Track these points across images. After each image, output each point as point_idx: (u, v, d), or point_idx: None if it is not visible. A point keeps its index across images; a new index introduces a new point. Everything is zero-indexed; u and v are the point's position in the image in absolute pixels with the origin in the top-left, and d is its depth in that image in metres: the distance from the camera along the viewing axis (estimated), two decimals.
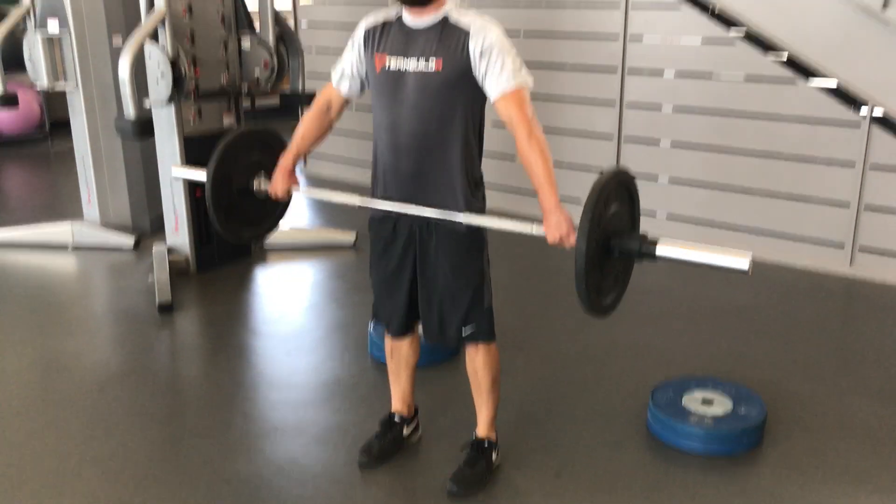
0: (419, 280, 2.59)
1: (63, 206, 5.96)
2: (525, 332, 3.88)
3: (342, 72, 2.57)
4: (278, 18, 4.77)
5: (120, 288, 4.58)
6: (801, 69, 4.55)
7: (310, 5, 6.60)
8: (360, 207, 2.61)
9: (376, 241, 2.64)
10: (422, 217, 2.47)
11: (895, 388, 3.35)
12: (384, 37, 2.44)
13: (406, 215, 2.50)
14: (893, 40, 4.23)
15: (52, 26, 4.72)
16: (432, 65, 2.35)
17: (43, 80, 4.83)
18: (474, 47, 2.31)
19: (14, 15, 4.85)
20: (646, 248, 2.23)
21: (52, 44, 4.80)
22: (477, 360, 2.67)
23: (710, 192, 4.97)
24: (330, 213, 5.84)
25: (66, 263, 4.92)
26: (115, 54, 4.55)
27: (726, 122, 4.82)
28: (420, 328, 2.74)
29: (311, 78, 5.61)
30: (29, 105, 7.61)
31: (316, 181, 6.70)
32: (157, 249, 4.59)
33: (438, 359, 3.52)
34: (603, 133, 5.27)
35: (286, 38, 4.86)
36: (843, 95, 4.46)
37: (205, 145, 4.47)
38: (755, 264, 2.12)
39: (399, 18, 2.43)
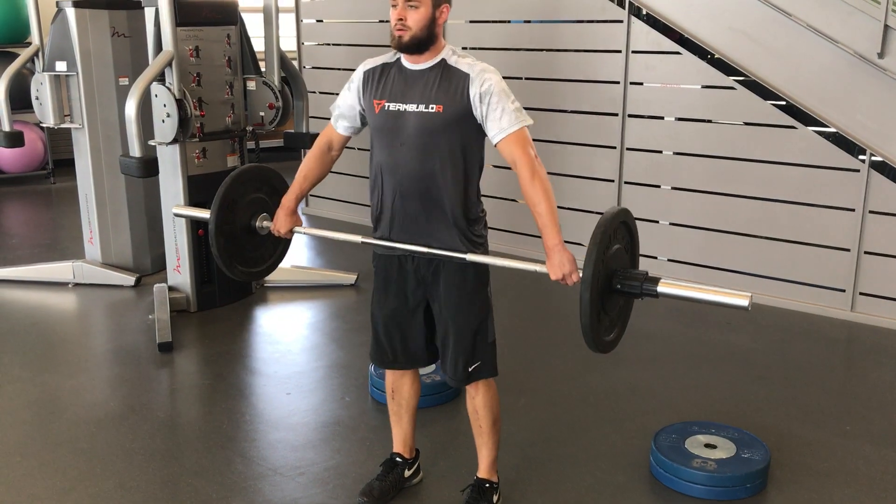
0: (435, 318, 2.61)
1: (65, 244, 5.97)
2: (526, 374, 3.86)
3: (341, 113, 2.61)
4: (284, 60, 4.83)
5: (120, 326, 4.57)
6: (801, 115, 4.59)
7: (314, 46, 6.68)
8: (362, 245, 2.63)
9: (379, 275, 2.65)
10: (424, 254, 2.48)
11: None
12: (383, 81, 2.48)
13: (409, 253, 2.52)
14: (891, 88, 4.29)
15: (61, 67, 4.78)
16: (433, 108, 2.39)
17: (49, 119, 4.88)
18: (474, 92, 2.36)
19: (24, 55, 4.92)
20: (648, 286, 2.25)
21: (59, 83, 4.85)
22: (477, 400, 2.66)
23: (710, 235, 4.98)
24: (331, 253, 5.85)
25: (66, 301, 4.92)
26: (121, 95, 4.60)
27: (727, 167, 4.85)
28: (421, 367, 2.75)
29: (315, 118, 5.66)
30: (33, 143, 7.66)
31: (316, 221, 6.72)
32: (158, 288, 4.59)
33: (439, 400, 3.50)
34: (604, 176, 5.30)
35: (291, 79, 4.91)
36: (843, 141, 4.50)
37: (209, 185, 4.52)
38: (756, 308, 2.13)
39: (398, 61, 2.48)
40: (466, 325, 2.54)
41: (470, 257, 2.46)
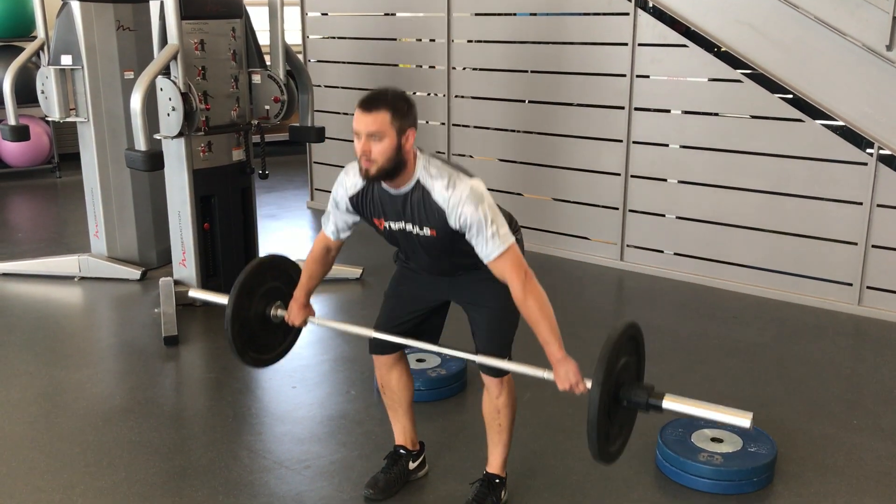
0: (468, 318, 2.67)
1: (70, 238, 5.97)
2: None
3: (335, 226, 2.65)
4: (289, 53, 4.82)
5: (126, 320, 4.57)
6: (808, 108, 4.57)
7: (319, 40, 6.67)
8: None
9: (404, 270, 2.73)
10: (451, 271, 2.58)
11: None
12: (373, 203, 2.49)
13: (436, 274, 2.62)
14: None
15: (66, 61, 4.77)
16: (427, 231, 2.42)
17: (55, 113, 4.87)
18: (454, 225, 2.37)
19: (29, 49, 4.92)
20: (653, 402, 2.30)
21: (64, 77, 4.85)
22: (501, 399, 2.66)
23: (717, 229, 4.96)
24: None
25: (72, 295, 4.92)
26: (127, 88, 4.60)
27: (733, 160, 4.83)
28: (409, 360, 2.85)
29: (320, 111, 5.65)
30: (38, 137, 7.66)
31: (320, 215, 6.69)
32: (164, 282, 4.59)
33: (445, 394, 3.50)
34: (610, 170, 5.29)
35: (296, 72, 4.90)
36: (850, 134, 4.48)
37: (214, 179, 4.55)
38: (762, 301, 2.13)
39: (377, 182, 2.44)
40: (499, 313, 2.58)
41: (479, 359, 2.54)
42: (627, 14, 5.01)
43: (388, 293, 2.76)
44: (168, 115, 4.23)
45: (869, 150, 4.40)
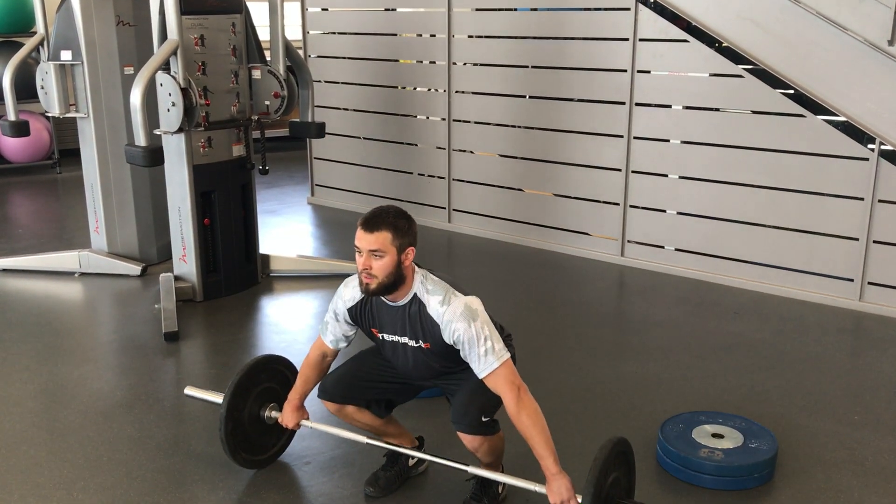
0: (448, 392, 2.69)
1: (71, 233, 5.97)
2: (533, 365, 3.84)
3: (333, 335, 2.69)
4: (289, 49, 4.81)
5: (126, 316, 4.57)
6: (809, 104, 4.56)
7: (319, 35, 6.66)
8: (367, 445, 2.79)
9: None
10: (438, 377, 2.65)
11: None
12: (371, 314, 2.57)
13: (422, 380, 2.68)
14: None
15: (66, 56, 4.77)
16: (422, 344, 2.50)
17: (55, 109, 4.87)
18: (448, 339, 2.44)
19: (29, 45, 4.90)
20: None
21: (64, 72, 4.84)
22: (478, 452, 2.58)
23: (718, 224, 4.96)
24: (337, 243, 5.84)
25: (72, 291, 4.92)
26: (127, 84, 4.59)
27: (734, 156, 4.82)
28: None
29: (320, 107, 5.65)
30: (38, 133, 7.66)
31: (321, 211, 6.71)
32: (164, 277, 4.59)
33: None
34: (611, 165, 5.28)
35: (297, 68, 4.89)
36: (852, 130, 4.47)
37: (214, 174, 4.54)
38: (763, 297, 2.13)
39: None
40: (480, 383, 2.49)
41: (472, 470, 2.55)
42: (629, 9, 5.00)
43: (363, 353, 2.78)
44: (168, 110, 4.23)
45: (870, 146, 4.39)
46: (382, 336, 2.59)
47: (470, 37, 5.79)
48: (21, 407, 3.47)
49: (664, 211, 5.17)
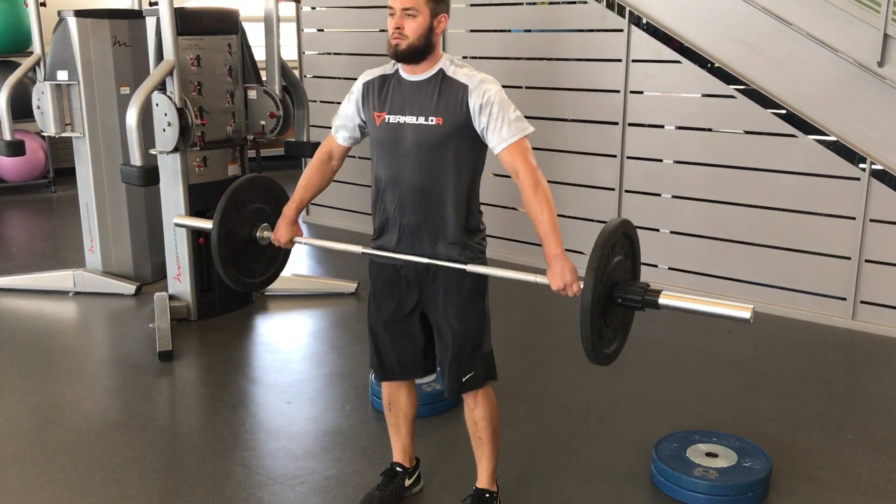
0: (433, 327, 2.61)
1: (65, 252, 5.97)
2: (527, 383, 3.86)
3: (341, 124, 2.62)
4: (285, 69, 4.84)
5: (120, 335, 4.57)
6: (801, 124, 4.60)
7: (315, 56, 6.69)
8: (361, 255, 2.63)
9: (375, 283, 2.65)
10: (423, 263, 2.49)
11: None
12: (383, 93, 2.48)
13: (408, 263, 2.52)
14: (891, 96, 4.29)
15: (62, 76, 4.79)
16: (433, 121, 2.40)
17: (51, 128, 4.88)
18: (474, 103, 2.36)
19: (25, 64, 4.92)
20: (649, 299, 2.25)
21: (60, 92, 4.86)
22: (476, 412, 2.65)
23: (711, 244, 4.98)
24: (331, 262, 5.85)
25: (66, 310, 4.92)
26: (123, 104, 4.61)
27: (727, 176, 4.85)
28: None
29: (316, 127, 5.67)
30: (34, 152, 7.67)
31: (317, 230, 6.72)
32: (159, 296, 4.59)
33: (439, 409, 3.50)
34: (604, 185, 5.31)
35: (292, 88, 4.92)
36: (843, 150, 4.50)
37: (209, 194, 4.54)
38: (757, 316, 2.12)
39: (397, 72, 2.48)
40: (462, 334, 2.54)
41: (470, 268, 2.46)
42: (622, 30, 5.04)
43: (372, 323, 2.68)
44: (164, 130, 4.25)
45: (861, 165, 4.43)
46: (387, 119, 2.45)
47: (465, 57, 5.83)
48: (14, 426, 3.46)
49: (657, 230, 5.19)
